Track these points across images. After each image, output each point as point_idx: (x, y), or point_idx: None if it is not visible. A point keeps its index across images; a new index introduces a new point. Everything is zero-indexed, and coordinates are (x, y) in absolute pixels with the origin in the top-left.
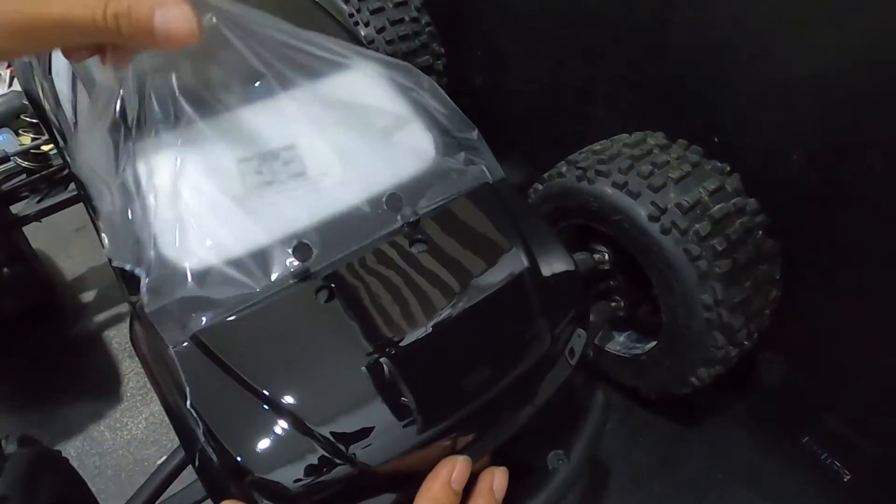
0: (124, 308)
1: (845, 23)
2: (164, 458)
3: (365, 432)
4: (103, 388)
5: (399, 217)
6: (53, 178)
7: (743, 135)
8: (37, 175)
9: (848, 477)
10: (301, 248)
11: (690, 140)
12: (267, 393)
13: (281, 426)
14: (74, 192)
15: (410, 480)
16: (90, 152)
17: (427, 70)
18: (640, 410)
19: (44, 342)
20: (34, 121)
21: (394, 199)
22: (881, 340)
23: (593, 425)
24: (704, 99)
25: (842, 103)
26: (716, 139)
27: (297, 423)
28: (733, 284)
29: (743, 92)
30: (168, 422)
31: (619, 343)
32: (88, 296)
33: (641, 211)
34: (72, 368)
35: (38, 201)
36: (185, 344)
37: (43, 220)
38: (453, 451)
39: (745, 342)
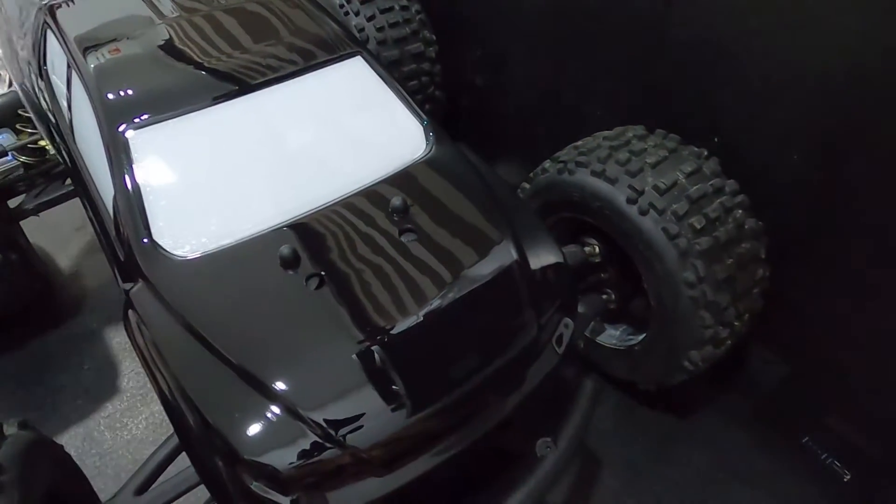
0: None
1: (844, 23)
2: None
3: (355, 417)
4: (103, 387)
5: (389, 207)
6: (51, 173)
7: (743, 135)
8: (34, 170)
9: (848, 477)
10: (290, 237)
11: (691, 141)
12: (259, 379)
13: (273, 411)
14: (72, 187)
15: (399, 463)
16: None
17: (419, 57)
18: (639, 410)
19: (44, 342)
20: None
21: (383, 190)
22: (881, 340)
23: (581, 413)
24: (704, 99)
25: (841, 103)
26: (716, 139)
27: (289, 408)
28: (715, 261)
29: (743, 92)
30: (168, 422)
31: (614, 337)
32: (88, 295)
33: (620, 195)
34: (72, 367)
35: (36, 196)
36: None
37: (43, 218)
38: (441, 436)
39: (735, 322)
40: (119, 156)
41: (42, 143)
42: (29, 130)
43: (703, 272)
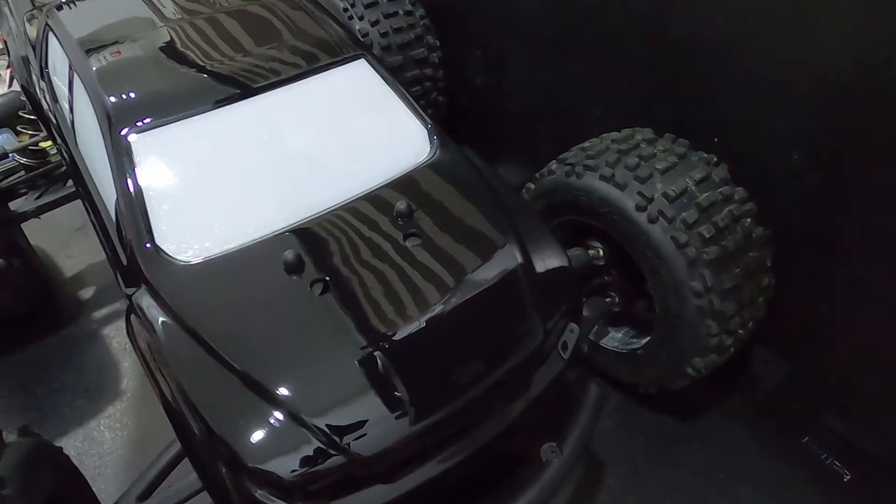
0: (123, 307)
1: (844, 24)
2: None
3: (359, 424)
4: (103, 387)
5: (393, 211)
6: (52, 175)
7: (743, 135)
8: (35, 171)
9: (848, 477)
10: (294, 241)
11: (691, 140)
12: (263, 385)
13: (277, 418)
14: (73, 189)
15: (404, 470)
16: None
17: (422, 62)
18: (640, 411)
19: (44, 343)
20: (32, 117)
21: (387, 194)
22: (881, 341)
23: (586, 418)
24: (704, 99)
25: (841, 103)
26: (716, 139)
27: (293, 415)
28: (723, 271)
29: (743, 92)
30: (168, 422)
31: (617, 340)
32: (88, 295)
33: (629, 201)
34: (72, 368)
35: (37, 198)
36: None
37: (43, 219)
38: (446, 442)
39: (740, 331)
40: (121, 159)
41: (43, 144)
42: (30, 132)
43: (711, 282)
